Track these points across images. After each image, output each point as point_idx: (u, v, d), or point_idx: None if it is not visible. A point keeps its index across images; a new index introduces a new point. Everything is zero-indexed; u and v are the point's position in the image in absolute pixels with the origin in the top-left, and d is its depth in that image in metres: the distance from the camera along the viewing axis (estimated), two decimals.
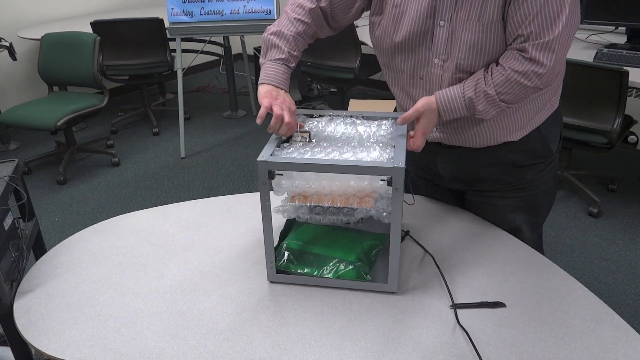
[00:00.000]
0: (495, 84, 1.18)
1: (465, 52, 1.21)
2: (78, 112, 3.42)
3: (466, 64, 1.22)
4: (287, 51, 1.34)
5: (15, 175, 1.60)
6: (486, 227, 1.43)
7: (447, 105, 1.22)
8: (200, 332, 1.10)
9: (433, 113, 1.23)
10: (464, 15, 1.18)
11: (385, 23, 1.31)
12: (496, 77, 1.18)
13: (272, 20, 3.56)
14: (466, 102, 1.21)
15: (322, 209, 1.23)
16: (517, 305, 1.14)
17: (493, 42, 1.19)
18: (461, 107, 1.22)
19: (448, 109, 1.22)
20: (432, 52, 1.26)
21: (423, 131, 1.23)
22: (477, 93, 1.20)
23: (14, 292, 1.25)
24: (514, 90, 1.18)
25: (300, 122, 1.28)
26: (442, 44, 1.24)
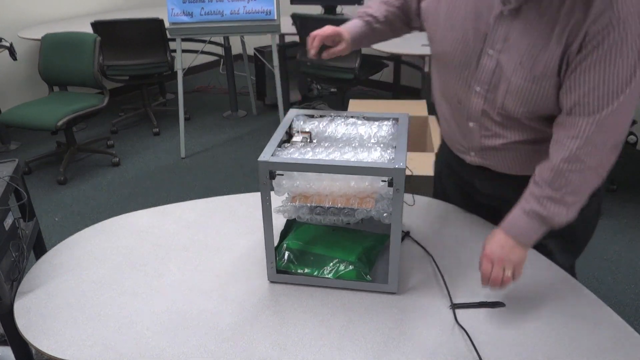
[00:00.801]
0: (545, 181, 1.07)
1: (512, 95, 1.12)
2: (78, 112, 3.42)
3: (511, 108, 1.14)
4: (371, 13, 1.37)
5: (16, 175, 1.60)
6: (486, 227, 1.43)
7: (514, 229, 1.10)
8: (200, 332, 1.10)
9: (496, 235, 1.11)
10: (515, 57, 1.09)
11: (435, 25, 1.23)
12: (544, 173, 1.08)
13: (272, 20, 3.56)
14: (530, 215, 1.08)
15: (322, 209, 1.23)
16: (517, 305, 1.15)
17: (544, 96, 1.09)
18: (529, 223, 1.09)
19: (519, 233, 1.10)
20: (474, 78, 1.17)
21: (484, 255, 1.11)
22: (537, 199, 1.08)
23: (14, 292, 1.25)
24: (570, 179, 1.05)
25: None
26: (488, 74, 1.15)
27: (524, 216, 1.10)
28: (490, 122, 1.21)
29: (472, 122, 1.24)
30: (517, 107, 1.13)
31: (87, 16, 4.59)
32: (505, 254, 1.09)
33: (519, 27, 1.07)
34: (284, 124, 1.28)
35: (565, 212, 1.08)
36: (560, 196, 1.06)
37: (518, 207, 1.11)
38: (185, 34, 3.65)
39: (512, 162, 1.27)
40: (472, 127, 1.25)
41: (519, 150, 1.23)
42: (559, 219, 1.08)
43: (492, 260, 1.09)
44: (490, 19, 1.11)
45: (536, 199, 1.08)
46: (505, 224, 1.12)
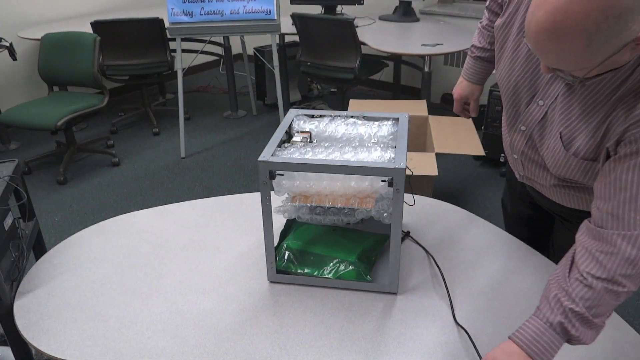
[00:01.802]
0: (579, 298, 0.91)
1: (548, 155, 1.08)
2: (78, 112, 3.42)
3: (549, 164, 1.10)
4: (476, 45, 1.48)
5: (16, 175, 1.60)
6: (487, 227, 1.43)
7: (535, 346, 0.91)
8: (200, 332, 1.10)
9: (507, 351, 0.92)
10: (556, 126, 1.04)
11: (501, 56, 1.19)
12: (577, 289, 0.91)
13: (272, 20, 3.56)
14: (557, 331, 0.91)
15: (322, 209, 1.23)
16: (517, 305, 1.15)
17: (577, 172, 1.04)
18: (554, 339, 0.91)
19: (540, 350, 0.91)
20: (521, 118, 1.13)
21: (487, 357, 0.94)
22: (565, 315, 0.91)
23: (14, 292, 1.25)
24: (604, 300, 0.90)
25: None
26: (534, 120, 1.10)
27: (549, 331, 0.91)
28: (528, 162, 1.19)
29: (515, 154, 1.22)
30: (552, 167, 1.09)
31: (87, 16, 4.59)
32: None
33: (568, 96, 1.01)
34: (284, 124, 1.28)
35: (590, 335, 0.92)
36: (591, 316, 0.91)
37: (539, 318, 0.93)
38: (185, 34, 3.65)
39: (556, 196, 1.23)
40: (516, 159, 1.23)
41: (557, 190, 1.20)
42: (583, 341, 0.92)
43: None
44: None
45: (564, 313, 0.91)
46: (525, 339, 0.92)
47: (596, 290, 0.90)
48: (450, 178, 3.47)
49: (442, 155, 2.54)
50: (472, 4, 4.61)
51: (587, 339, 0.92)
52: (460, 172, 3.54)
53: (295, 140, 1.25)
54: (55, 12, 4.60)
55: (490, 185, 3.36)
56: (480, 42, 1.45)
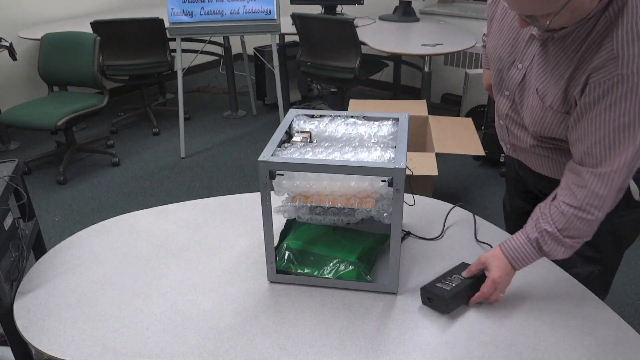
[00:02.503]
0: (554, 221, 1.10)
1: (528, 113, 1.19)
2: (78, 112, 3.42)
3: (526, 122, 1.21)
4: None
5: (15, 175, 1.60)
6: (487, 227, 1.43)
7: (515, 253, 1.13)
8: (200, 332, 1.10)
9: (501, 261, 1.14)
10: (534, 83, 1.15)
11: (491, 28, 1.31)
12: (553, 213, 1.11)
13: (272, 20, 3.56)
14: (534, 245, 1.12)
15: (322, 209, 1.23)
16: (517, 305, 1.15)
17: (552, 125, 1.15)
18: (531, 252, 1.13)
19: (518, 258, 1.13)
20: (504, 83, 1.25)
21: (492, 279, 1.13)
22: (540, 233, 1.12)
23: (14, 292, 1.25)
24: (574, 225, 1.09)
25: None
26: (514, 84, 1.21)
27: (527, 244, 1.13)
28: (513, 126, 1.28)
29: (501, 120, 1.32)
30: (530, 124, 1.20)
31: (87, 16, 4.59)
32: (507, 281, 1.15)
33: (542, 55, 1.12)
34: (284, 124, 1.28)
35: (562, 251, 1.12)
36: (564, 236, 1.10)
37: (522, 234, 1.14)
38: (185, 34, 3.65)
39: (536, 164, 1.31)
40: (502, 125, 1.33)
41: (540, 156, 1.28)
42: (554, 255, 1.13)
43: (497, 286, 1.13)
44: (526, 36, 1.16)
45: (540, 232, 1.12)
46: (508, 247, 1.14)
47: (567, 216, 1.09)
48: (450, 178, 3.47)
49: (442, 155, 2.54)
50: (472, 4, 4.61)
51: (557, 254, 1.12)
52: (460, 172, 3.54)
53: (295, 140, 1.25)
54: (55, 12, 4.60)
55: (490, 185, 3.36)
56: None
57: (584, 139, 1.05)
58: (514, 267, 1.14)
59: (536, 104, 1.15)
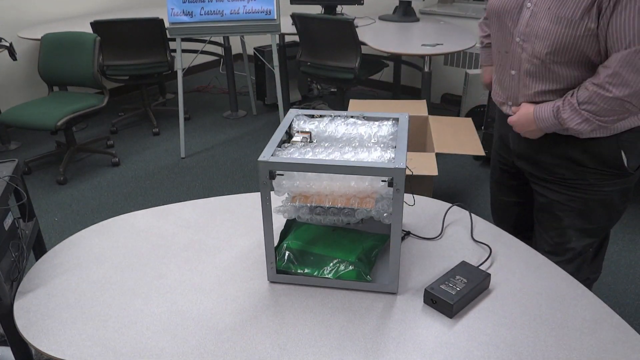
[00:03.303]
0: (577, 95, 1.27)
1: (539, 38, 1.29)
2: (78, 112, 3.42)
3: (539, 50, 1.30)
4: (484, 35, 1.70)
5: (15, 175, 1.60)
6: (487, 227, 1.43)
7: (540, 114, 1.35)
8: (200, 332, 1.10)
9: (524, 115, 1.38)
10: (546, 3, 1.26)
11: None
12: (579, 89, 1.28)
13: (272, 20, 3.56)
14: (554, 110, 1.31)
15: (322, 209, 1.23)
16: (517, 306, 1.15)
17: (569, 41, 1.25)
18: (549, 115, 1.33)
19: (541, 118, 1.34)
20: (516, 29, 1.36)
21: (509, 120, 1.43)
22: (564, 102, 1.30)
23: (14, 292, 1.25)
24: (593, 100, 1.24)
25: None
26: (524, 24, 1.33)
27: (549, 108, 1.33)
28: (526, 71, 1.38)
29: (513, 70, 1.42)
30: (542, 48, 1.29)
31: (87, 16, 4.59)
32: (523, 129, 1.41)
33: None
34: (284, 124, 1.28)
35: (578, 121, 1.28)
36: (581, 108, 1.26)
37: (551, 102, 1.34)
38: (185, 34, 3.65)
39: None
40: (513, 75, 1.43)
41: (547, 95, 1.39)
42: (570, 123, 1.29)
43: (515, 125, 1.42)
44: None
45: (563, 100, 1.31)
46: (537, 108, 1.36)
47: (589, 91, 1.25)
48: (450, 178, 3.47)
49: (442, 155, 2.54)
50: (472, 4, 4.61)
51: (572, 123, 1.29)
52: (460, 172, 3.54)
53: (295, 140, 1.25)
54: (55, 12, 4.60)
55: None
56: (484, 31, 1.69)
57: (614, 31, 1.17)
58: (538, 124, 1.36)
59: (549, 22, 1.25)
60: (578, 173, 1.41)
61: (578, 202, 1.44)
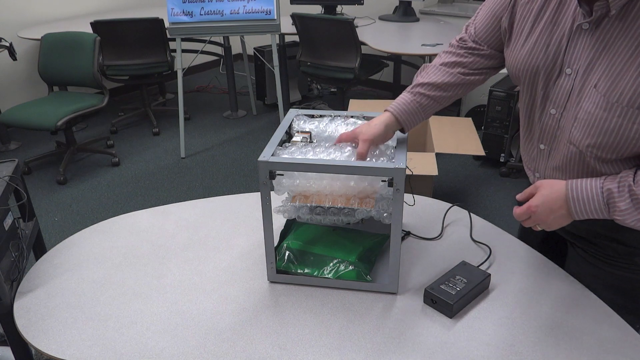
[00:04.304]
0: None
1: (580, 122, 0.98)
2: (78, 112, 3.42)
3: (577, 138, 1.00)
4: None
5: (15, 175, 1.60)
6: (487, 227, 1.43)
7: (579, 194, 0.96)
8: (200, 332, 1.10)
9: (553, 192, 1.00)
10: (592, 79, 0.95)
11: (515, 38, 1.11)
12: None
13: (272, 20, 3.56)
14: (604, 194, 0.95)
15: (322, 209, 1.23)
16: (517, 306, 1.15)
17: (615, 128, 0.93)
18: (597, 200, 0.95)
19: (580, 200, 0.96)
20: (550, 99, 1.06)
21: (529, 205, 1.02)
22: (621, 187, 0.94)
23: (14, 292, 1.25)
24: None
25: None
26: (563, 96, 1.02)
27: (595, 187, 0.96)
28: (558, 150, 1.09)
29: (543, 144, 1.13)
30: (583, 138, 0.99)
31: (87, 16, 4.59)
32: (547, 218, 1.01)
33: (597, 47, 0.95)
34: (284, 124, 1.28)
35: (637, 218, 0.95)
36: None
37: (598, 180, 0.97)
38: (185, 34, 3.65)
39: None
40: (542, 150, 1.14)
41: None
42: (628, 219, 0.95)
43: (531, 215, 1.03)
44: (564, 32, 1.00)
45: (620, 183, 0.94)
46: (572, 184, 0.99)
47: None
48: (450, 178, 3.47)
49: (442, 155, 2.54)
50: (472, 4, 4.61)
51: (630, 218, 0.94)
52: (460, 172, 3.54)
53: (295, 140, 1.25)
54: (55, 12, 4.60)
55: (490, 185, 3.36)
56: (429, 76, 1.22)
57: None
58: (572, 210, 0.98)
59: (594, 106, 0.94)
60: (624, 252, 1.13)
61: (626, 281, 1.16)
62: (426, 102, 1.20)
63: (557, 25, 1.02)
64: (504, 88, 3.33)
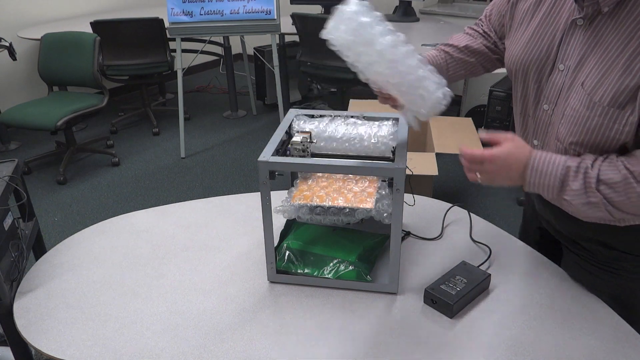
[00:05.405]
0: (601, 169, 0.92)
1: (566, 119, 0.99)
2: (78, 112, 3.42)
3: (562, 135, 1.00)
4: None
5: (15, 175, 1.60)
6: (487, 227, 1.43)
7: (539, 166, 0.96)
8: (200, 332, 1.10)
9: (517, 152, 0.97)
10: (582, 76, 0.95)
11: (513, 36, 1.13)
12: (607, 163, 0.93)
13: (272, 20, 3.55)
14: (562, 172, 0.94)
15: (322, 209, 1.23)
16: (517, 306, 1.14)
17: (597, 127, 0.94)
18: (554, 176, 0.95)
19: (539, 172, 0.96)
20: (544, 94, 1.05)
21: (483, 153, 0.97)
22: (580, 167, 0.94)
23: (14, 292, 1.25)
24: (618, 185, 0.91)
25: None
26: (555, 91, 1.02)
27: (558, 165, 0.95)
28: (550, 146, 1.08)
29: (537, 139, 1.12)
30: (567, 135, 0.99)
31: (87, 16, 4.59)
32: (499, 172, 0.97)
33: (589, 43, 0.94)
34: (284, 124, 1.28)
35: (582, 202, 0.94)
36: (598, 187, 0.92)
37: (559, 156, 0.96)
38: (185, 34, 3.65)
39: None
40: (535, 145, 1.12)
41: None
42: (570, 200, 0.95)
43: (484, 162, 0.97)
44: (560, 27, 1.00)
45: (579, 164, 0.94)
46: (538, 154, 0.97)
47: (620, 174, 0.91)
48: (450, 178, 3.47)
49: (442, 155, 2.54)
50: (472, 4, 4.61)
51: (574, 200, 0.94)
52: (460, 172, 3.54)
53: (295, 140, 1.25)
54: (55, 12, 4.60)
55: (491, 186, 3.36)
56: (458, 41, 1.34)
57: None
58: (527, 175, 0.96)
59: (579, 104, 0.95)
60: (613, 257, 1.12)
61: (619, 289, 1.15)
62: (450, 60, 1.30)
63: (553, 21, 1.03)
64: (504, 88, 3.33)
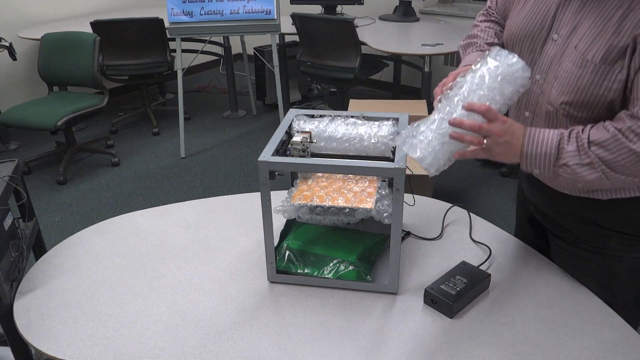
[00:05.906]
0: (591, 132, 0.98)
1: (559, 81, 1.04)
2: (78, 112, 3.42)
3: (554, 98, 1.06)
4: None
5: (15, 175, 1.60)
6: (487, 227, 1.43)
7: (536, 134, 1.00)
8: (200, 332, 1.10)
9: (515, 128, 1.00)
10: (575, 39, 1.02)
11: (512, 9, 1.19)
12: (595, 126, 0.99)
13: (272, 20, 3.56)
14: (557, 137, 0.99)
15: (322, 209, 1.23)
16: (518, 305, 1.15)
17: (588, 84, 1.00)
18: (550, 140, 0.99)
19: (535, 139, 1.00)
20: (537, 64, 1.10)
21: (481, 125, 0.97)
22: (571, 133, 1.00)
23: (14, 292, 1.25)
24: (609, 143, 0.96)
25: None
26: (547, 60, 1.08)
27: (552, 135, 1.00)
28: (540, 116, 1.13)
29: (528, 111, 1.16)
30: (558, 95, 1.05)
31: (87, 16, 4.59)
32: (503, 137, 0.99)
33: (585, 8, 1.01)
34: (284, 124, 1.28)
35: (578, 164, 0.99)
36: (590, 148, 0.97)
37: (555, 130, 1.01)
38: (185, 34, 3.65)
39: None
40: (526, 117, 1.17)
41: None
42: (570, 160, 0.99)
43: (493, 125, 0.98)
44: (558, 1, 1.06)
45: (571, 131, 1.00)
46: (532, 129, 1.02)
47: (609, 133, 0.96)
48: (450, 178, 3.47)
49: None
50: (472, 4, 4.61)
51: (573, 160, 0.99)
52: (460, 172, 3.54)
53: (295, 140, 1.25)
54: (55, 12, 4.60)
55: (491, 186, 3.36)
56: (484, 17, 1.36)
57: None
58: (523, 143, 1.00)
59: (572, 64, 1.01)
60: (599, 235, 1.16)
61: (604, 269, 1.18)
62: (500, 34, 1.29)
63: None
64: None
